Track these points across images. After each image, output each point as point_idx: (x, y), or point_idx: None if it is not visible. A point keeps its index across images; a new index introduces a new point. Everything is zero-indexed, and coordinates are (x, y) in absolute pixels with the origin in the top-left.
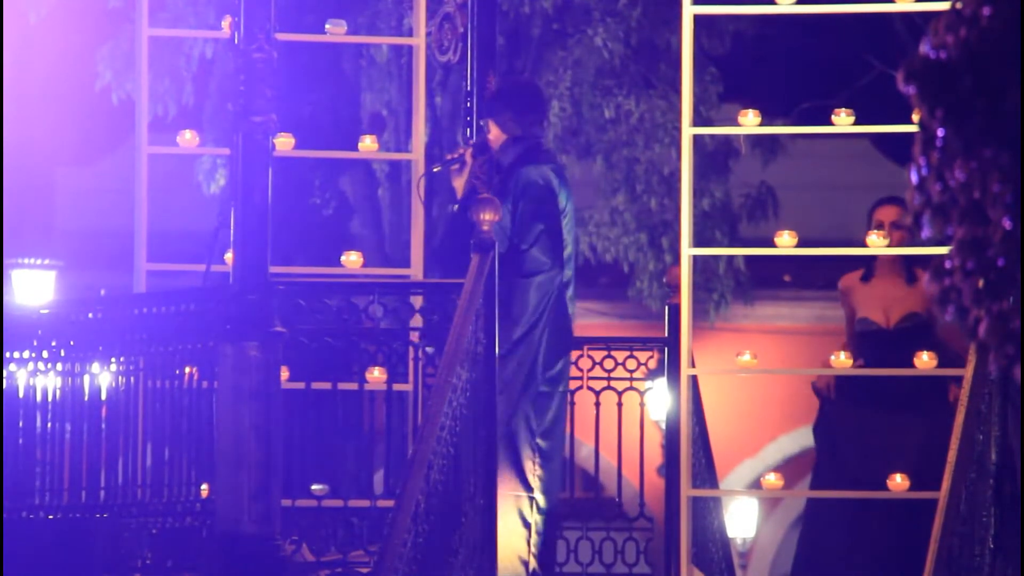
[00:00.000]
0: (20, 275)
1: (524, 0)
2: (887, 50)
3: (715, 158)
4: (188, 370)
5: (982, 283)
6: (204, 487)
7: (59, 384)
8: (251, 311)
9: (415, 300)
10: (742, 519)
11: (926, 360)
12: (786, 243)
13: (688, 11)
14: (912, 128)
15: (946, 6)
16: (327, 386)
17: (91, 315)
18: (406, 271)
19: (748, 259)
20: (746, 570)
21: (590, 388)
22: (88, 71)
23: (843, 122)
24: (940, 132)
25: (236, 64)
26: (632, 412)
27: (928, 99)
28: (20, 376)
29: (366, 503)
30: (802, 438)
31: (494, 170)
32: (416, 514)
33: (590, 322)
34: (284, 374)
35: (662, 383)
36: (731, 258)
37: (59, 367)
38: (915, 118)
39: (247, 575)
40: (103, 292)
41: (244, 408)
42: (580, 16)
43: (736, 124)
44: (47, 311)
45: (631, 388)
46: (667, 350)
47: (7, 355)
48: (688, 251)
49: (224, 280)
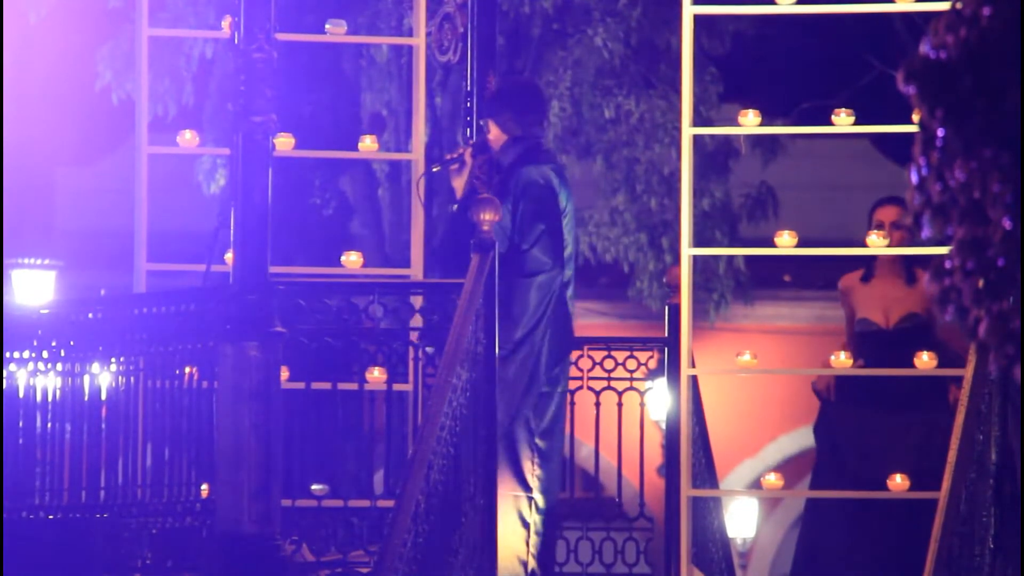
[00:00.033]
0: (20, 275)
1: (524, 0)
2: (887, 50)
3: (715, 158)
4: (188, 370)
5: (982, 283)
6: (204, 487)
7: (59, 384)
8: (251, 311)
9: (415, 300)
10: (742, 519)
11: (926, 360)
12: (786, 243)
13: (688, 11)
14: (912, 128)
15: (946, 6)
16: (327, 386)
17: (91, 315)
18: (406, 271)
19: (748, 259)
20: (746, 570)
21: (590, 388)
22: (88, 71)
23: (843, 122)
24: (940, 132)
25: (236, 64)
26: (632, 412)
27: (928, 99)
28: (20, 376)
29: (366, 503)
30: (802, 438)
31: (494, 170)
32: (416, 514)
33: (590, 322)
34: (284, 374)
35: (662, 383)
36: (731, 258)
37: (59, 367)
38: (915, 118)
39: (247, 575)
40: (103, 292)
41: (244, 408)
42: (580, 16)
43: (736, 124)
44: (47, 311)
45: (631, 388)
46: (667, 350)
47: (7, 355)
48: (688, 251)
49: (224, 280)
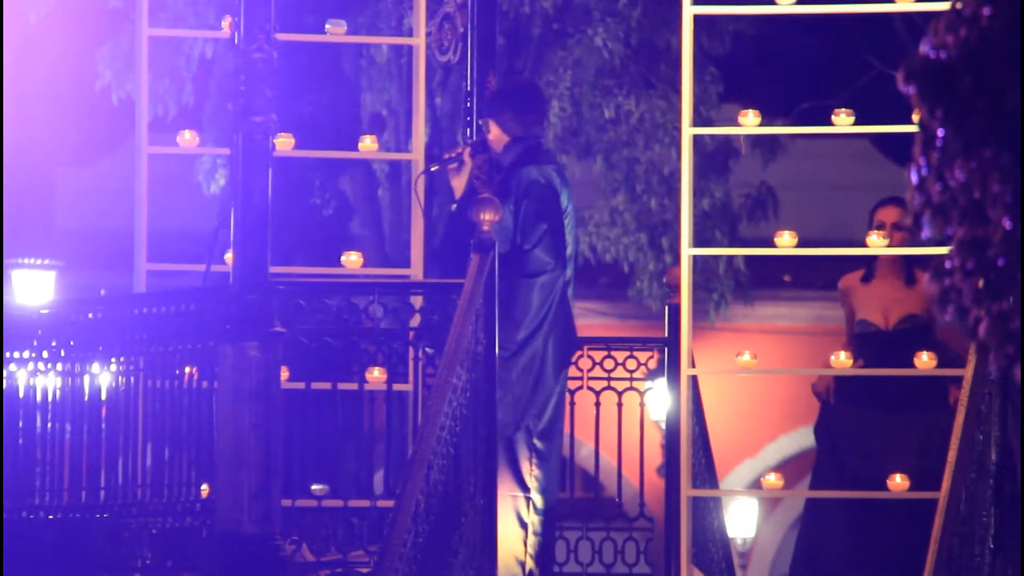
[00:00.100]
0: (20, 275)
1: (524, 0)
2: (887, 50)
3: (715, 158)
4: (188, 370)
5: (982, 283)
6: (204, 487)
7: (59, 384)
8: (251, 311)
9: (415, 300)
10: (742, 519)
11: (926, 360)
12: (786, 243)
13: (688, 11)
14: (912, 128)
15: (946, 6)
16: (327, 386)
17: (91, 315)
18: (406, 271)
19: (748, 259)
20: (746, 570)
21: (590, 388)
22: (88, 71)
23: (843, 122)
24: (940, 132)
25: (236, 64)
26: (632, 412)
27: (928, 99)
28: (20, 376)
29: (366, 503)
30: (802, 438)
31: (494, 170)
32: (416, 514)
33: (590, 322)
34: (284, 374)
35: (662, 383)
36: (731, 258)
37: (59, 367)
38: (915, 118)
39: (247, 575)
40: (103, 292)
41: (244, 408)
42: (580, 16)
43: (736, 124)
44: (47, 311)
45: (631, 388)
46: (667, 350)
47: (7, 355)
48: (688, 251)
49: (224, 280)
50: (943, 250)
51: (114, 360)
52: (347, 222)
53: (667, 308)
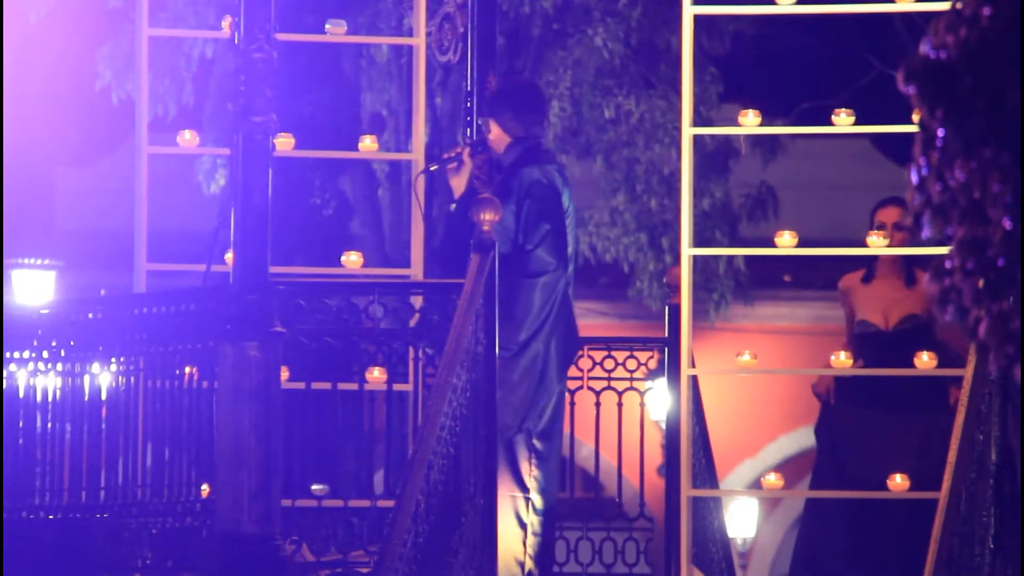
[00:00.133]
0: (20, 275)
1: (524, 0)
2: (887, 50)
3: (715, 158)
4: (188, 370)
5: (982, 283)
6: (204, 487)
7: (59, 384)
8: (251, 311)
9: (415, 300)
10: (742, 519)
11: (926, 360)
12: (786, 243)
13: (688, 11)
14: (912, 128)
15: (946, 6)
16: (327, 386)
17: (91, 315)
18: (406, 271)
19: (748, 259)
20: (746, 570)
21: (590, 388)
22: (88, 71)
23: (843, 122)
24: (940, 132)
25: (236, 64)
26: (632, 412)
27: (928, 99)
28: (20, 376)
29: (366, 503)
30: (802, 438)
31: (494, 170)
32: (416, 514)
33: (590, 322)
34: (284, 374)
35: (662, 383)
36: (731, 258)
37: (59, 367)
38: (915, 118)
39: (247, 575)
40: (103, 292)
41: (244, 408)
42: (580, 16)
43: (736, 124)
44: (47, 311)
45: (631, 388)
46: (667, 350)
47: (7, 355)
48: (688, 251)
49: (224, 280)
50: (943, 250)
51: (114, 360)
52: (347, 222)
53: (667, 308)
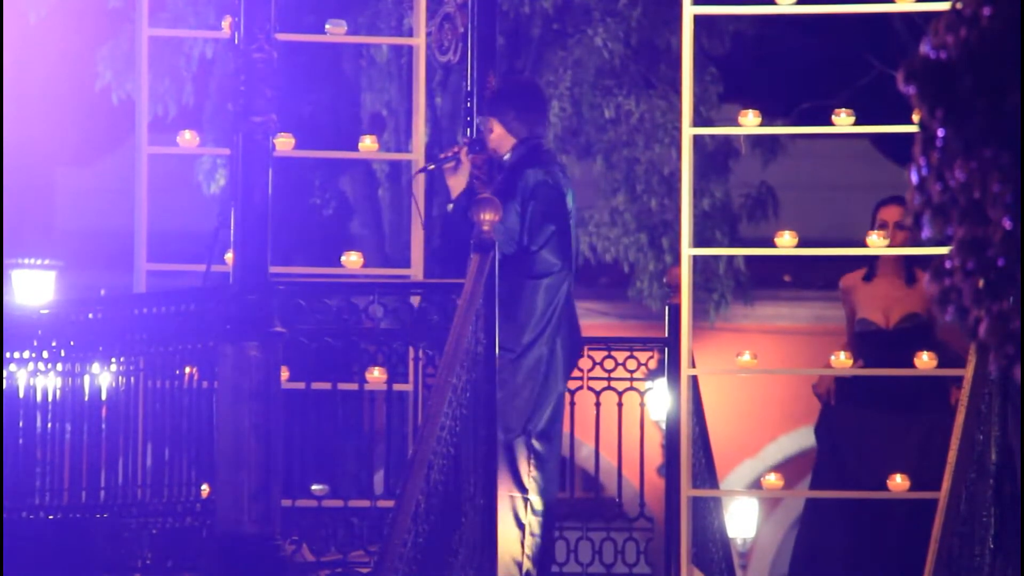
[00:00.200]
0: (20, 275)
1: (524, 0)
2: (887, 50)
3: (715, 158)
4: (188, 370)
5: (982, 283)
6: (204, 487)
7: (59, 384)
8: (251, 311)
9: (415, 300)
10: (742, 519)
11: (926, 360)
12: (786, 243)
13: (688, 11)
14: (912, 128)
15: (946, 6)
16: (327, 386)
17: (91, 315)
18: (406, 271)
19: (748, 259)
20: (746, 570)
21: (590, 388)
22: (88, 71)
23: (843, 122)
24: (940, 132)
25: (236, 64)
26: (632, 412)
27: (928, 99)
28: (20, 376)
29: (366, 503)
30: (802, 438)
31: (495, 170)
32: (416, 514)
33: (590, 322)
34: (284, 374)
35: (662, 383)
36: (731, 258)
37: (59, 367)
38: (915, 118)
39: (247, 575)
40: (103, 292)
41: (244, 408)
42: (580, 16)
43: (736, 124)
44: (47, 311)
45: (631, 388)
46: (667, 350)
47: (7, 355)
48: (688, 251)
49: (224, 280)
50: (943, 250)
51: (114, 360)
52: (347, 222)
53: (667, 308)
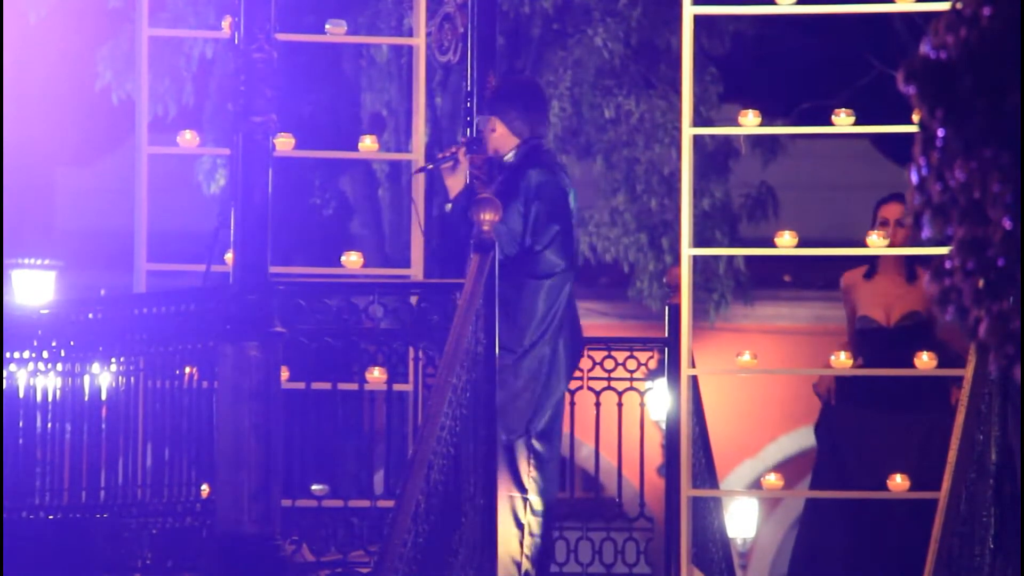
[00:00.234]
0: (20, 275)
1: (524, 0)
2: (887, 50)
3: (715, 158)
4: (188, 370)
5: (982, 283)
6: (204, 487)
7: (59, 384)
8: (251, 311)
9: (415, 300)
10: (742, 519)
11: (926, 360)
12: (786, 243)
13: (688, 11)
14: (912, 128)
15: (946, 6)
16: (327, 386)
17: (91, 315)
18: (406, 271)
19: (748, 259)
20: (746, 570)
21: (590, 388)
22: (88, 71)
23: (843, 122)
24: (940, 132)
25: (236, 64)
26: (632, 412)
27: (928, 99)
28: (20, 376)
29: (366, 503)
30: (802, 438)
31: (496, 169)
32: (416, 514)
33: (590, 322)
34: (284, 374)
35: (662, 383)
36: (731, 258)
37: (59, 367)
38: (915, 118)
39: (247, 575)
40: (103, 292)
41: (244, 408)
42: (580, 16)
43: (736, 124)
44: (47, 311)
45: (631, 388)
46: (667, 350)
47: (7, 355)
48: (688, 251)
49: (224, 280)
50: (943, 250)
51: (114, 360)
52: (347, 222)
53: (667, 308)
